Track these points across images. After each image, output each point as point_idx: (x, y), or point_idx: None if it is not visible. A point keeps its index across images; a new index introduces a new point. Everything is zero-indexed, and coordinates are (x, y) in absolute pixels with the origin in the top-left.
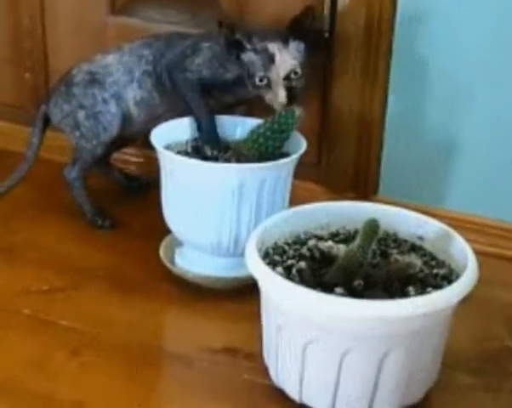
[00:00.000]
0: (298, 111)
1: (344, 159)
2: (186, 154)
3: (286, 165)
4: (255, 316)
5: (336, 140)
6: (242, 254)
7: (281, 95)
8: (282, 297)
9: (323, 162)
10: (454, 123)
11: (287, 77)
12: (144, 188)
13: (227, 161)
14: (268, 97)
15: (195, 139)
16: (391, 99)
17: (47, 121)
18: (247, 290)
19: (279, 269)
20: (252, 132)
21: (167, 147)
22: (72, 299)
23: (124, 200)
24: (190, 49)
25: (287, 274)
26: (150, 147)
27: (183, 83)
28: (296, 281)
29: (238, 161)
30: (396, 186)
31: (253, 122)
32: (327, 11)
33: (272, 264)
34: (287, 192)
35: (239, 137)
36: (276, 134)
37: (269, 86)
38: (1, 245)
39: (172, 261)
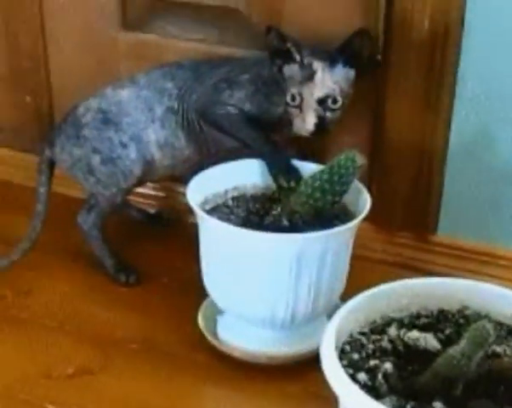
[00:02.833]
0: (360, 160)
1: (399, 194)
2: (227, 207)
3: (350, 229)
4: (320, 399)
5: (389, 173)
6: (299, 327)
7: (310, 121)
8: None
9: (374, 198)
10: None
11: (323, 102)
12: (165, 225)
13: (277, 220)
14: (296, 121)
15: (234, 188)
16: (455, 126)
17: (52, 165)
18: (305, 366)
19: (362, 375)
20: (306, 184)
21: (205, 201)
22: (101, 384)
23: (145, 242)
24: (225, 82)
25: (372, 380)
26: (172, 179)
27: (226, 119)
28: (383, 390)
29: (290, 220)
30: (458, 224)
31: (304, 167)
32: (380, 29)
33: (352, 367)
34: (349, 256)
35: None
36: (335, 187)
37: (300, 108)
38: (10, 310)
39: (214, 332)
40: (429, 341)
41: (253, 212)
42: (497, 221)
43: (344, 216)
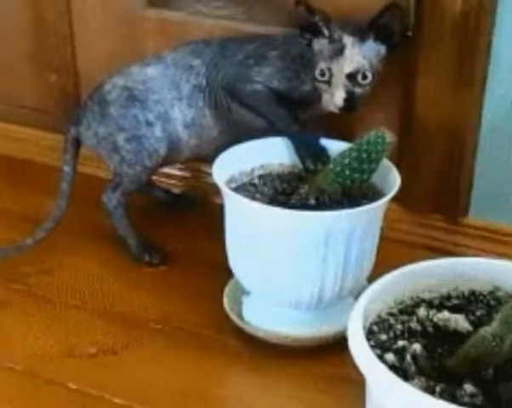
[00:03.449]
0: (389, 137)
1: (430, 175)
2: (253, 186)
3: (378, 208)
4: (347, 381)
5: (419, 153)
6: (325, 308)
7: (339, 96)
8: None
9: (404, 179)
10: None
11: (352, 77)
12: (191, 206)
13: (303, 198)
14: (325, 96)
15: (261, 167)
16: (488, 106)
17: (78, 144)
18: (332, 347)
19: (390, 355)
20: (334, 162)
21: (231, 180)
22: (124, 365)
23: (170, 223)
24: (253, 59)
25: (400, 361)
26: (198, 161)
27: (253, 97)
28: (412, 372)
29: (318, 198)
30: (491, 207)
31: (333, 146)
32: (411, 3)
33: (380, 348)
34: (377, 236)
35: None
36: (364, 165)
37: (329, 83)
38: (34, 289)
39: (239, 313)
40: (460, 322)
41: (280, 191)
42: None
43: (372, 195)
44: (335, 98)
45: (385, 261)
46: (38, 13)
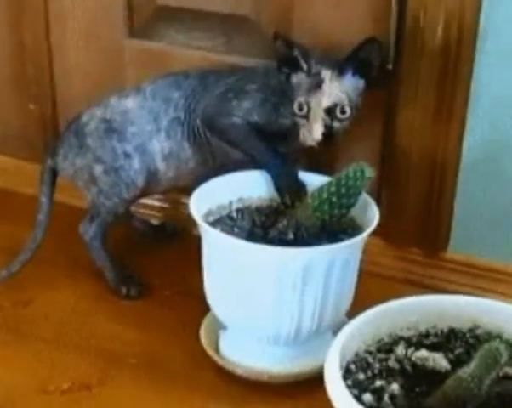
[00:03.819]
0: (368, 172)
1: (409, 208)
2: (231, 219)
3: (357, 243)
4: None
5: (400, 186)
6: (303, 344)
7: (317, 130)
8: None
9: (384, 211)
10: None
11: (330, 111)
12: (170, 237)
13: (282, 233)
14: (303, 130)
15: (239, 200)
16: (468, 140)
17: (55, 175)
18: (310, 384)
19: (367, 396)
20: (313, 196)
21: (209, 213)
22: (99, 400)
23: (148, 254)
24: (233, 92)
25: (378, 401)
26: (176, 191)
27: (232, 130)
28: None
29: (296, 233)
30: (470, 241)
31: (312, 180)
32: (392, 38)
33: (358, 388)
34: (356, 271)
35: None
36: (343, 200)
37: (307, 117)
38: (8, 321)
39: (216, 347)
40: (439, 361)
41: (258, 225)
42: (510, 238)
43: (351, 229)
44: (313, 132)
45: (365, 295)
46: (18, 40)
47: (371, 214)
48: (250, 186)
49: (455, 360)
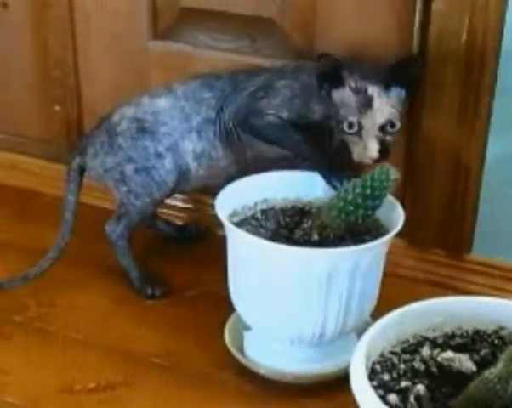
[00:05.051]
0: (393, 173)
1: (433, 210)
2: (256, 220)
3: (382, 244)
4: None
5: (423, 188)
6: (327, 345)
7: (373, 148)
8: None
9: (407, 213)
10: None
11: (382, 128)
12: (194, 238)
13: (307, 233)
14: (356, 149)
15: (264, 201)
16: (492, 141)
17: (82, 174)
18: (333, 385)
19: (393, 396)
20: (338, 197)
21: (234, 213)
22: (123, 400)
23: (173, 256)
24: (262, 90)
25: (404, 402)
26: (201, 191)
27: (268, 128)
28: None
29: (321, 233)
30: (493, 243)
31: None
32: (416, 44)
33: (383, 388)
34: (381, 273)
35: (320, 198)
36: (368, 201)
37: (359, 135)
38: (33, 321)
39: (240, 348)
40: (464, 362)
41: (283, 226)
42: None
43: (376, 231)
44: (369, 150)
45: (389, 297)
46: (43, 44)
47: (396, 216)
48: (275, 187)
49: (480, 362)
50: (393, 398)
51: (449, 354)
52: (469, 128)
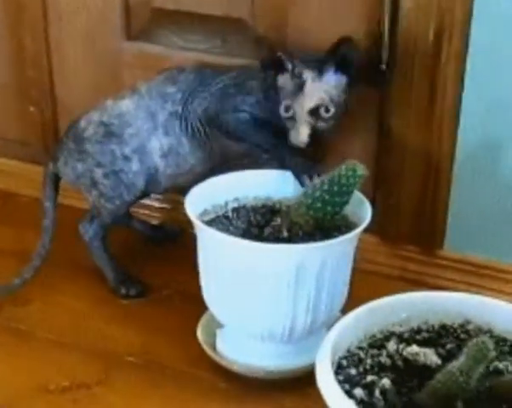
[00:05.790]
0: (360, 170)
1: (404, 206)
2: (227, 219)
3: (350, 240)
4: None
5: (394, 184)
6: (298, 341)
7: (303, 132)
8: None
9: (379, 210)
10: None
11: (314, 112)
12: (170, 239)
13: (277, 231)
14: (292, 133)
15: (235, 199)
16: (462, 136)
17: (57, 179)
18: (306, 380)
19: (358, 390)
20: (306, 194)
21: (204, 212)
22: (98, 399)
23: (148, 255)
24: (234, 88)
25: (369, 396)
26: (176, 191)
27: (239, 125)
28: (381, 407)
29: (290, 231)
30: (466, 238)
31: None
32: (385, 41)
33: (349, 383)
34: (350, 268)
35: (289, 196)
36: (336, 198)
37: (294, 119)
38: (8, 321)
39: (213, 345)
40: (429, 356)
41: (254, 224)
42: (504, 235)
43: (345, 227)
44: (300, 134)
45: (361, 293)
46: (17, 43)
47: (364, 212)
48: (246, 186)
49: (446, 356)
50: (359, 392)
51: (414, 348)
52: (438, 124)
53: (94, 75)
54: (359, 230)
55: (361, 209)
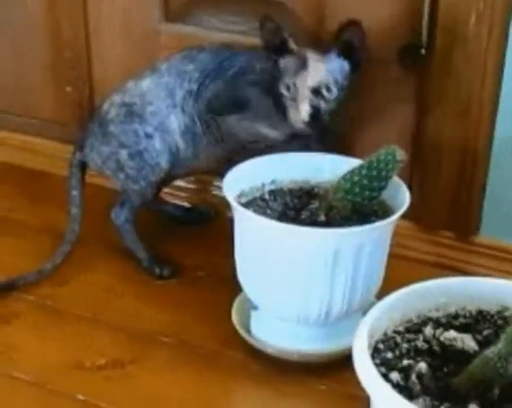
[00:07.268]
0: (399, 155)
1: (441, 192)
2: (264, 201)
3: (388, 225)
4: (353, 399)
5: (431, 170)
6: (333, 324)
7: (304, 110)
8: None
9: (415, 195)
10: None
11: (316, 91)
12: (204, 221)
13: (314, 214)
14: (292, 111)
15: (272, 182)
16: (500, 123)
17: (84, 167)
18: (339, 364)
19: (395, 374)
20: (344, 179)
21: (241, 194)
22: (132, 377)
23: (181, 238)
24: (243, 75)
25: (405, 380)
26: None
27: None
28: (417, 391)
29: (327, 214)
30: (502, 225)
31: (342, 161)
32: (425, 23)
33: (385, 366)
34: (386, 253)
35: (327, 180)
36: (374, 183)
37: (294, 98)
38: (45, 301)
39: (247, 327)
40: (467, 342)
41: (290, 207)
42: None
43: (382, 212)
44: (301, 112)
45: (395, 278)
46: (55, 25)
47: (401, 197)
48: (283, 168)
49: (483, 341)
50: (395, 376)
51: (452, 333)
52: (477, 110)
53: (131, 56)
54: (397, 216)
55: (399, 194)
